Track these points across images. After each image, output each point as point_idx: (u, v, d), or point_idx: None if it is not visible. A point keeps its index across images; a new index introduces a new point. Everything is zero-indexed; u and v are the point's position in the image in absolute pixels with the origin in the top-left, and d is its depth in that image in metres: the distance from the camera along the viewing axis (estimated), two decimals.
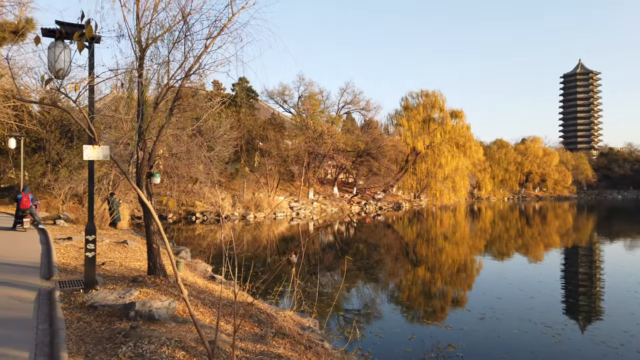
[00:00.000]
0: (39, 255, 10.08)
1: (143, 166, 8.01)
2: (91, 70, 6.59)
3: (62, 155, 29.59)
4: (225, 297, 8.23)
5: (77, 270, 8.55)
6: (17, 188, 26.44)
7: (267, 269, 16.98)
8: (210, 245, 25.09)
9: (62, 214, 17.66)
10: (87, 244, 6.61)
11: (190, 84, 8.63)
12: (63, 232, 14.47)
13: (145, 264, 9.90)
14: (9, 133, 22.04)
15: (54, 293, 6.52)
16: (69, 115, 29.96)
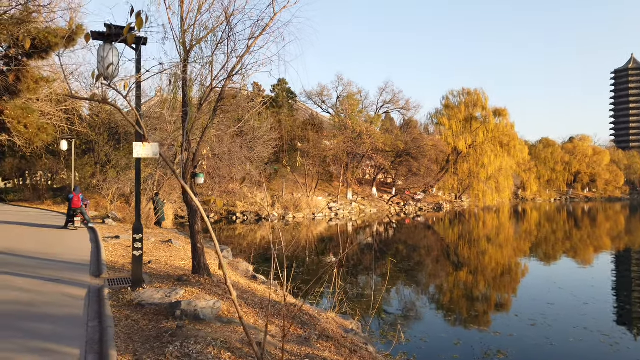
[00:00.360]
0: (89, 253, 10.41)
1: (187, 166, 8.09)
2: (138, 71, 6.70)
3: (110, 157, 30.69)
4: (266, 297, 8.19)
5: (124, 268, 8.75)
6: (69, 188, 27.64)
7: (307, 269, 16.95)
8: (251, 244, 25.34)
9: (110, 214, 18.27)
10: (135, 243, 6.72)
11: (233, 84, 8.67)
12: (111, 231, 14.94)
13: (189, 263, 10.03)
14: (61, 135, 23.04)
15: (103, 291, 6.66)
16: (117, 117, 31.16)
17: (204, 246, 7.95)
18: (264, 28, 8.23)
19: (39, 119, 16.05)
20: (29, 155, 29.63)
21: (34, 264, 8.99)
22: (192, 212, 7.99)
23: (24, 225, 15.83)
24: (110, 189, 24.55)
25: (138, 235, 6.74)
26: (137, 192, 7.07)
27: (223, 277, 8.69)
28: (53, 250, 10.60)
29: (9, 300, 6.28)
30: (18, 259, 9.46)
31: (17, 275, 7.82)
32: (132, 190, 25.66)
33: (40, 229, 14.98)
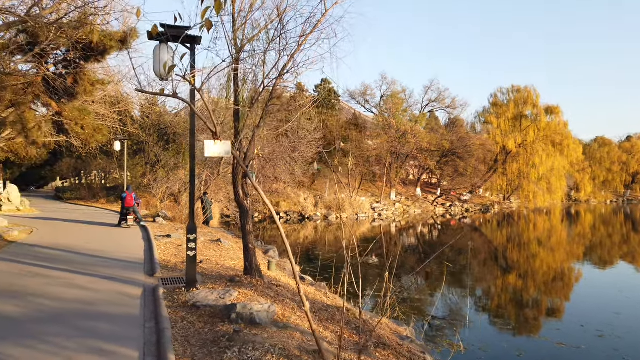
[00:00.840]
0: (142, 252, 10.59)
1: (239, 166, 8.01)
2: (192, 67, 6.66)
3: (160, 157, 31.56)
4: (317, 300, 8.01)
5: (177, 267, 8.81)
6: (121, 187, 28.63)
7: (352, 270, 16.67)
8: (295, 244, 25.34)
9: (160, 212, 18.69)
10: (189, 243, 6.69)
11: (284, 83, 8.53)
12: (162, 229, 15.24)
13: (239, 263, 10.00)
14: (115, 136, 23.86)
15: (158, 290, 6.67)
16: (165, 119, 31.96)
17: (255, 247, 7.85)
18: (315, 25, 8.04)
19: (95, 121, 16.62)
20: (85, 156, 30.92)
21: (92, 261, 9.21)
22: (243, 212, 7.92)
23: (81, 224, 16.44)
24: (160, 188, 25.20)
25: (192, 235, 6.70)
26: (191, 192, 7.04)
27: (277, 280, 8.58)
28: (108, 248, 10.87)
29: (70, 298, 6.39)
30: (77, 256, 9.73)
31: (78, 273, 8.00)
32: (180, 189, 26.25)
33: (96, 227, 15.50)
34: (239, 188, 7.96)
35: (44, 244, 11.20)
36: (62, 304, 6.06)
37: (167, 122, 33.64)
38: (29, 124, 14.52)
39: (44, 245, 10.99)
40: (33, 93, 14.10)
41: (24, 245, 11.01)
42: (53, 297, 6.41)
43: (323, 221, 36.68)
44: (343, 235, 6.07)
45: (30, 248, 10.63)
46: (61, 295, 6.52)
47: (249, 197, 8.09)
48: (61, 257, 9.63)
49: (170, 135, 33.16)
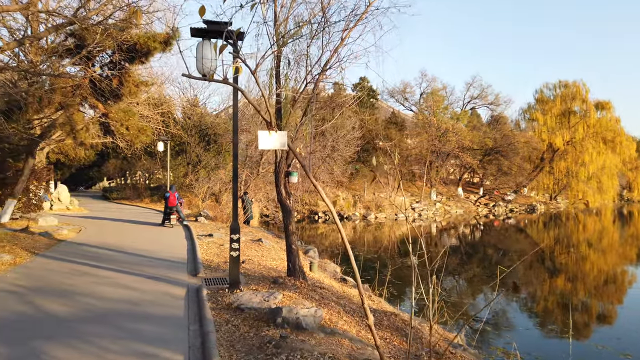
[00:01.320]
0: (185, 251, 10.62)
1: (281, 165, 7.84)
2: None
3: (201, 157, 32.09)
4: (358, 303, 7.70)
5: (219, 267, 8.72)
6: (164, 187, 29.27)
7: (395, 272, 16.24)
8: (333, 244, 25.12)
9: (202, 212, 18.89)
10: (232, 243, 6.55)
11: (327, 79, 8.29)
12: (204, 228, 15.34)
13: (281, 263, 9.83)
14: (158, 137, 24.38)
15: (202, 291, 6.57)
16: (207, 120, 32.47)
17: (298, 248, 7.64)
18: (359, 17, 7.76)
19: (139, 122, 16.95)
20: (130, 157, 31.83)
21: (137, 260, 9.28)
22: (286, 212, 7.72)
23: (126, 223, 16.81)
24: (201, 188, 25.58)
25: (235, 235, 6.56)
26: (234, 192, 6.91)
27: (320, 281, 8.34)
28: (152, 247, 10.97)
29: (116, 297, 6.38)
30: (123, 255, 9.85)
31: (123, 272, 8.05)
32: (221, 189, 26.56)
33: (140, 226, 15.79)
34: (282, 187, 7.77)
35: (91, 243, 11.44)
36: (108, 304, 6.05)
37: (208, 123, 34.18)
38: (77, 125, 14.95)
39: (91, 244, 11.22)
40: (81, 95, 14.50)
41: (73, 244, 11.29)
42: (99, 296, 6.43)
43: (361, 221, 36.29)
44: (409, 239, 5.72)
45: (78, 247, 10.87)
46: (107, 294, 6.53)
47: (292, 196, 7.88)
48: (108, 255, 9.77)
49: (211, 136, 33.66)
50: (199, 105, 35.54)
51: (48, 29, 8.43)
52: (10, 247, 9.76)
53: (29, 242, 10.84)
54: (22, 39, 7.88)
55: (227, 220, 17.90)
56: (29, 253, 9.57)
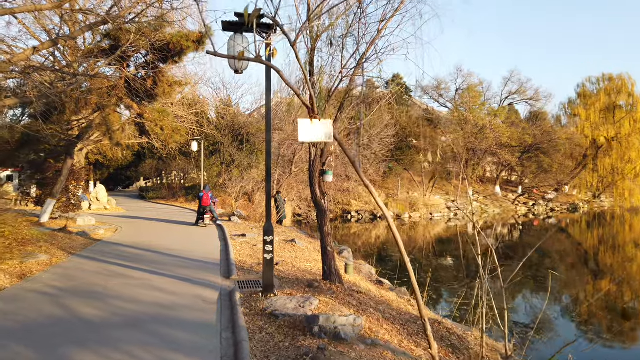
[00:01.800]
0: (219, 252, 10.46)
1: (316, 163, 7.51)
2: (269, 60, 6.23)
3: (234, 157, 32.25)
4: (402, 309, 7.29)
5: (252, 269, 8.49)
6: (199, 187, 29.54)
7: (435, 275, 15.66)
8: (366, 244, 24.69)
9: (235, 211, 18.83)
10: (265, 245, 6.27)
11: (362, 73, 7.90)
12: (237, 228, 15.23)
13: (315, 265, 9.52)
14: (192, 137, 24.57)
15: (235, 295, 6.32)
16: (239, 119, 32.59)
17: (334, 250, 7.29)
18: (397, 8, 7.33)
19: (173, 122, 17.03)
20: (165, 157, 32.37)
21: (170, 261, 9.16)
22: (321, 212, 7.39)
23: (161, 222, 16.92)
24: (234, 187, 25.64)
25: (269, 237, 6.27)
26: (267, 191, 6.62)
27: (356, 285, 7.96)
28: (186, 248, 10.87)
29: (148, 300, 6.21)
30: (156, 255, 9.77)
31: (156, 273, 7.92)
32: (254, 188, 26.54)
33: (175, 226, 15.83)
34: (316, 187, 7.44)
35: (126, 243, 11.46)
36: (140, 307, 5.88)
37: (241, 123, 34.36)
38: (113, 126, 15.13)
39: (126, 244, 11.24)
40: (116, 96, 14.63)
41: (109, 244, 11.33)
42: (131, 299, 6.28)
43: (395, 220, 35.61)
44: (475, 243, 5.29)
45: (113, 247, 10.89)
46: (139, 297, 6.37)
47: (327, 196, 7.54)
48: (141, 256, 9.71)
49: (243, 135, 33.82)
50: (232, 105, 35.77)
51: (82, 28, 8.42)
52: (48, 247, 9.85)
53: (66, 242, 10.95)
54: (57, 38, 7.87)
55: (260, 220, 17.78)
56: (65, 253, 9.62)
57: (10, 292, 6.51)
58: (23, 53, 7.64)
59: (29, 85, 7.90)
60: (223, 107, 34.43)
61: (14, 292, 6.49)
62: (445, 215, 39.44)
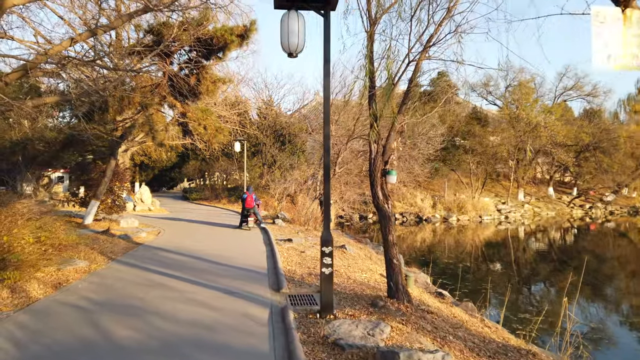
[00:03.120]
0: (265, 258, 9.67)
1: (377, 162, 6.54)
2: (327, 41, 5.33)
3: (276, 158, 31.74)
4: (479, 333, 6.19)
5: (304, 281, 7.60)
6: (241, 188, 29.15)
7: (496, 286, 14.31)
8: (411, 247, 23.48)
9: (279, 214, 18.11)
10: (324, 258, 5.35)
11: (429, 58, 6.87)
12: (282, 232, 14.46)
13: (371, 276, 8.55)
14: (235, 137, 24.14)
15: (288, 314, 5.44)
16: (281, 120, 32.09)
17: (400, 262, 6.29)
18: None
19: (216, 121, 16.50)
20: (208, 158, 32.27)
21: (213, 269, 8.44)
22: (384, 218, 6.40)
23: (204, 225, 16.40)
24: (277, 188, 25.04)
25: (327, 248, 5.35)
26: (326, 194, 5.68)
27: (422, 301, 6.92)
28: (230, 253, 10.15)
29: (188, 319, 5.44)
30: (199, 262, 9.09)
31: (198, 283, 7.19)
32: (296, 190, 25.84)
33: (218, 229, 15.25)
34: (378, 189, 6.47)
35: (168, 247, 10.88)
36: (179, 328, 5.10)
37: (283, 123, 33.83)
38: (156, 125, 14.73)
39: (168, 249, 10.65)
40: (159, 94, 14.21)
41: (150, 248, 10.78)
42: (170, 316, 5.53)
43: (442, 223, 34.10)
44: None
45: (154, 251, 10.32)
46: (179, 313, 5.62)
47: (390, 199, 6.55)
48: (183, 262, 9.05)
49: (285, 136, 33.29)
50: (274, 105, 35.31)
51: (121, 16, 7.85)
52: (88, 252, 9.36)
53: (107, 246, 10.47)
54: (95, 28, 7.31)
55: (305, 223, 16.97)
56: (105, 258, 9.10)
57: (42, 304, 5.92)
58: (60, 45, 7.11)
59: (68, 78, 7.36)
60: (265, 107, 34.02)
61: (46, 305, 5.88)
62: (495, 218, 37.48)
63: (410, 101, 6.91)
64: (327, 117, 5.40)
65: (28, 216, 7.28)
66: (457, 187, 40.52)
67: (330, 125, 5.51)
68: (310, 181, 25.88)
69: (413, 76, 6.76)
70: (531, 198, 42.94)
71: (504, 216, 38.19)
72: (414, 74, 6.76)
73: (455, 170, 40.35)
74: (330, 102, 5.31)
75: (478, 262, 18.55)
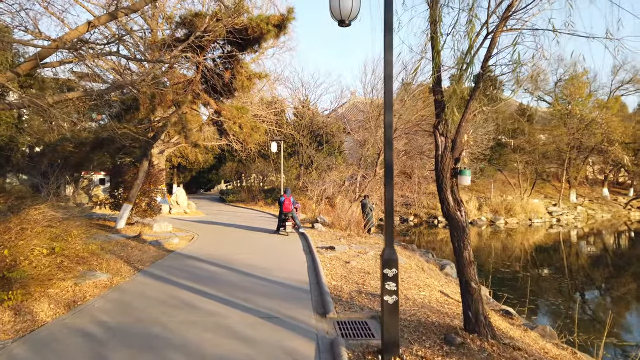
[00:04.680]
0: (305, 270, 8.56)
1: (445, 160, 5.30)
2: (389, 6, 4.16)
3: (313, 158, 30.79)
4: None
5: (354, 301, 6.42)
6: (278, 189, 28.30)
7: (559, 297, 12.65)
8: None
9: (318, 217, 17.02)
10: (386, 283, 4.16)
11: (509, 30, 5.57)
12: (322, 237, 13.34)
13: (431, 294, 7.28)
14: (271, 137, 23.27)
15: (340, 352, 4.27)
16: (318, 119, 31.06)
17: (480, 286, 5.01)
18: None
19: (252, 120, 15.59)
20: (245, 159, 31.67)
21: (247, 283, 7.40)
22: (457, 229, 5.14)
23: (240, 229, 15.51)
24: (314, 190, 24.04)
25: (391, 270, 4.16)
26: (387, 199, 4.45)
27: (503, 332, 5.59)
28: (266, 263, 9.12)
29: (217, 354, 4.38)
30: (232, 275, 8.08)
31: (229, 303, 6.15)
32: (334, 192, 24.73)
33: (254, 234, 14.29)
34: (447, 192, 5.22)
35: (200, 255, 9.95)
36: None
37: (320, 123, 32.88)
38: (190, 124, 13.96)
39: (199, 257, 9.72)
40: (193, 91, 13.40)
41: (181, 257, 9.89)
42: (193, 349, 4.49)
43: (489, 227, 32.18)
44: None
45: (185, 260, 9.41)
46: (206, 347, 4.57)
47: (463, 205, 5.29)
48: (214, 275, 8.06)
49: (322, 136, 32.33)
50: (310, 105, 34.37)
51: None
52: (114, 261, 8.53)
53: (135, 254, 9.65)
54: (115, 10, 6.43)
55: (345, 228, 15.77)
56: (131, 269, 8.23)
57: (47, 330, 5.00)
58: (75, 30, 6.26)
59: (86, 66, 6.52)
60: (301, 106, 33.12)
61: (51, 332, 4.96)
62: (546, 220, 35.18)
63: (483, 85, 5.62)
64: (389, 99, 4.22)
65: (44, 223, 6.46)
66: (504, 188, 38.38)
67: (392, 111, 4.32)
68: (347, 182, 24.76)
69: (488, 53, 5.48)
70: (584, 199, 40.24)
71: (555, 219, 35.88)
72: (489, 50, 5.48)
73: (502, 170, 38.19)
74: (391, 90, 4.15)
75: (536, 270, 16.82)
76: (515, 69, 5.48)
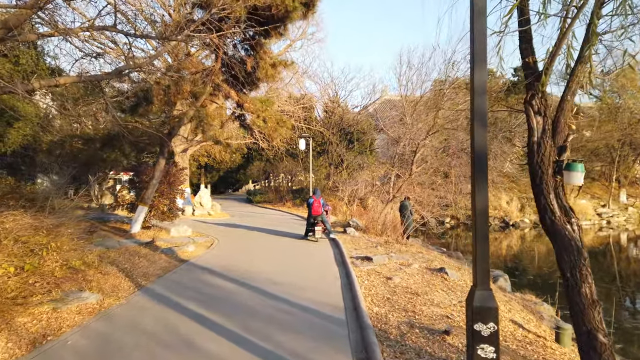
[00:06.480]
0: (339, 288, 7.02)
1: (543, 148, 3.68)
2: None
3: (343, 157, 29.31)
4: None
5: (405, 338, 4.83)
6: (306, 190, 26.87)
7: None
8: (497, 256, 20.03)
9: (351, 221, 15.44)
10: (478, 346, 2.58)
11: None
12: (356, 245, 11.75)
13: (504, 327, 5.62)
14: (299, 134, 21.86)
15: None
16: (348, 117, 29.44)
17: (611, 341, 3.36)
18: None
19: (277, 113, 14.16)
20: (272, 158, 30.42)
21: (267, 308, 5.91)
22: (567, 251, 3.49)
23: (265, 234, 14.08)
24: (345, 191, 22.51)
25: (486, 325, 2.52)
26: (479, 206, 2.87)
27: None
28: (292, 278, 7.63)
29: None
30: (250, 295, 6.61)
31: (242, 342, 4.68)
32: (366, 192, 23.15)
33: (280, 240, 12.81)
34: (550, 195, 3.59)
35: (216, 267, 8.54)
36: None
37: (350, 120, 31.34)
38: (208, 118, 12.66)
39: (215, 270, 8.31)
40: (212, 82, 12.08)
41: (194, 268, 8.51)
42: None
43: (532, 229, 29.99)
44: None
45: (198, 274, 8.02)
46: None
47: (575, 215, 3.63)
48: (228, 294, 6.62)
49: (353, 133, 30.79)
50: (340, 101, 32.81)
51: None
52: (113, 276, 7.21)
53: (142, 265, 8.33)
54: None
55: (381, 233, 14.13)
56: (131, 285, 6.88)
57: None
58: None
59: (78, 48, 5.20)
60: (331, 102, 31.60)
61: None
62: (595, 223, 32.66)
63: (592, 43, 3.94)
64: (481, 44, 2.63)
65: (15, 235, 5.16)
66: None
67: (486, 66, 2.73)
68: (379, 182, 23.15)
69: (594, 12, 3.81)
70: (635, 200, 37.34)
71: (605, 221, 33.39)
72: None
73: None
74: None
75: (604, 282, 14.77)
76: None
